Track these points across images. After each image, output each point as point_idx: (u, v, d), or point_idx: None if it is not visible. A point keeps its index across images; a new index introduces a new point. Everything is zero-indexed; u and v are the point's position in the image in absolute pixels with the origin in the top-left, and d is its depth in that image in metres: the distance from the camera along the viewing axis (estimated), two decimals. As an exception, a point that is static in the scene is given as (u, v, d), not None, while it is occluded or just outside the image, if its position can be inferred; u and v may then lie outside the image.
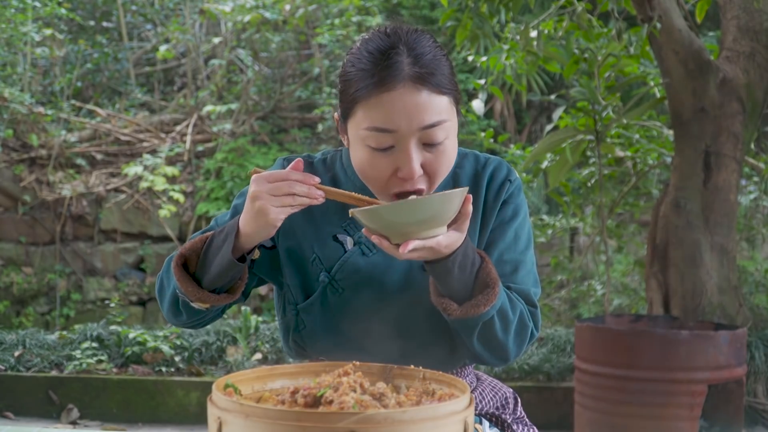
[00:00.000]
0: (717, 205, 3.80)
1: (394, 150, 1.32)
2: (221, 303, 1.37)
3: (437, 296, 1.33)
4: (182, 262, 1.36)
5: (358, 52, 1.34)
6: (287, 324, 1.51)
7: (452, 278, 1.29)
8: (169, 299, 1.42)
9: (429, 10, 7.02)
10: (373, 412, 0.96)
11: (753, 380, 3.88)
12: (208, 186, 6.45)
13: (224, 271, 1.33)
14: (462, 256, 1.29)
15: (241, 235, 1.31)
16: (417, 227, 1.21)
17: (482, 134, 4.82)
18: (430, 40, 1.35)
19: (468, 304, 1.30)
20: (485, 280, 1.32)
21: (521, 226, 1.47)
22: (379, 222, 1.22)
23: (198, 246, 1.36)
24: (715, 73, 3.79)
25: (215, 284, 1.35)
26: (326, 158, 1.52)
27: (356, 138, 1.35)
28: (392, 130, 1.30)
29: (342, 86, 1.36)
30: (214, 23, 7.57)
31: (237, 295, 1.38)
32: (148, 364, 4.52)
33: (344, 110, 1.36)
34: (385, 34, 1.34)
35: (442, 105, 1.32)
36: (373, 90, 1.29)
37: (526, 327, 1.40)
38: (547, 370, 4.30)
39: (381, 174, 1.34)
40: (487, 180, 1.47)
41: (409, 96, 1.29)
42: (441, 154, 1.34)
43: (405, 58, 1.30)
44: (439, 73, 1.31)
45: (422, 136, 1.31)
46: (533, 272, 1.47)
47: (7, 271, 6.24)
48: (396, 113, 1.29)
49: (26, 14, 6.64)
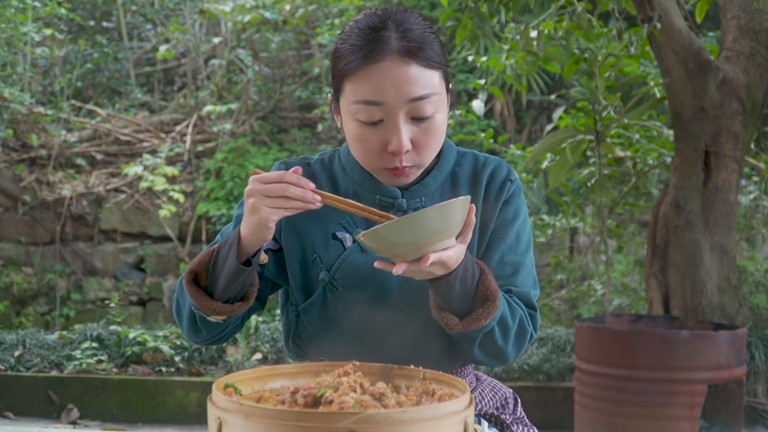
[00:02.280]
0: (717, 205, 3.80)
1: (383, 124, 1.33)
2: (236, 312, 1.37)
3: (438, 311, 1.33)
4: (193, 278, 1.37)
5: (350, 30, 1.36)
6: (288, 326, 1.51)
7: (454, 292, 1.29)
8: (187, 318, 1.42)
9: (429, 10, 7.02)
10: (373, 412, 0.96)
11: (753, 380, 3.88)
12: (208, 186, 6.45)
13: (232, 279, 1.33)
14: (463, 270, 1.29)
15: (242, 240, 1.31)
16: (426, 241, 1.19)
17: (482, 134, 4.82)
18: (419, 18, 1.37)
19: (468, 318, 1.31)
20: (485, 294, 1.32)
21: (522, 227, 1.47)
22: (385, 242, 1.20)
23: (206, 260, 1.36)
24: (715, 73, 3.79)
25: (227, 294, 1.35)
26: (324, 158, 1.52)
27: (347, 113, 1.36)
28: (380, 102, 1.31)
29: (333, 63, 1.38)
30: (214, 23, 7.57)
31: (250, 302, 1.38)
32: (148, 364, 4.52)
33: (335, 87, 1.38)
34: (375, 14, 1.37)
35: (431, 78, 1.33)
36: (362, 62, 1.31)
37: (526, 331, 1.40)
38: (547, 370, 4.30)
39: (371, 148, 1.35)
40: (487, 179, 1.46)
41: (397, 68, 1.30)
42: (430, 129, 1.34)
43: (393, 33, 1.32)
44: (427, 48, 1.33)
45: (411, 109, 1.32)
46: (533, 273, 1.47)
47: (7, 271, 6.24)
48: (384, 85, 1.30)
49: (26, 14, 6.64)
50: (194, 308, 1.37)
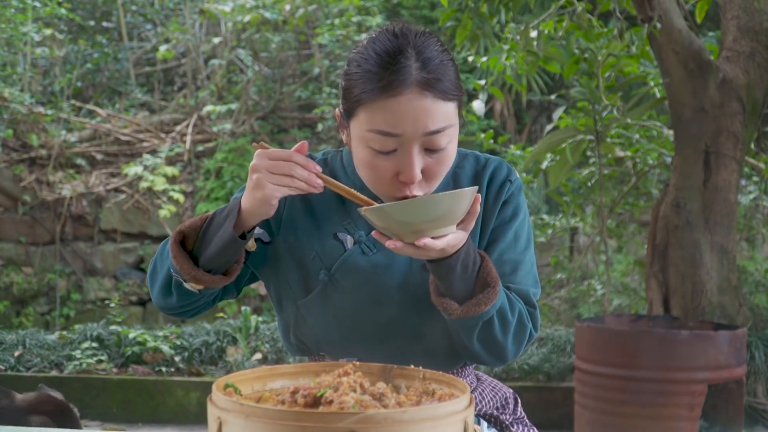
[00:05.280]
0: (717, 205, 3.80)
1: (396, 153, 1.31)
2: (215, 285, 1.35)
3: (437, 296, 1.33)
4: (180, 239, 1.35)
5: (365, 51, 1.32)
6: (287, 320, 1.50)
7: (454, 277, 1.29)
8: (162, 281, 1.40)
9: (429, 10, 7.02)
10: (373, 412, 0.96)
11: (753, 380, 3.89)
12: (208, 186, 6.45)
13: (224, 248, 1.31)
14: (464, 255, 1.29)
15: (242, 212, 1.30)
16: (428, 225, 1.21)
17: (482, 135, 4.82)
18: (438, 43, 1.34)
19: (469, 303, 1.30)
20: (485, 279, 1.32)
21: (521, 226, 1.46)
22: (390, 221, 1.22)
23: (197, 224, 1.35)
24: (715, 73, 3.79)
25: (212, 263, 1.34)
26: (327, 158, 1.52)
27: (359, 138, 1.34)
28: (397, 134, 1.29)
29: (346, 84, 1.34)
30: (214, 23, 7.57)
31: (232, 278, 1.36)
32: (148, 364, 4.52)
33: (348, 109, 1.35)
34: (393, 35, 1.32)
35: (446, 111, 1.31)
36: (380, 94, 1.28)
37: (525, 328, 1.40)
38: (547, 370, 4.30)
39: (381, 176, 1.33)
40: (488, 180, 1.46)
41: (416, 101, 1.28)
42: (442, 159, 1.33)
43: (413, 63, 1.29)
44: (445, 79, 1.31)
45: (425, 141, 1.30)
46: (533, 272, 1.47)
47: (7, 271, 6.24)
48: (401, 118, 1.28)
49: (26, 14, 6.64)
50: (173, 271, 1.35)
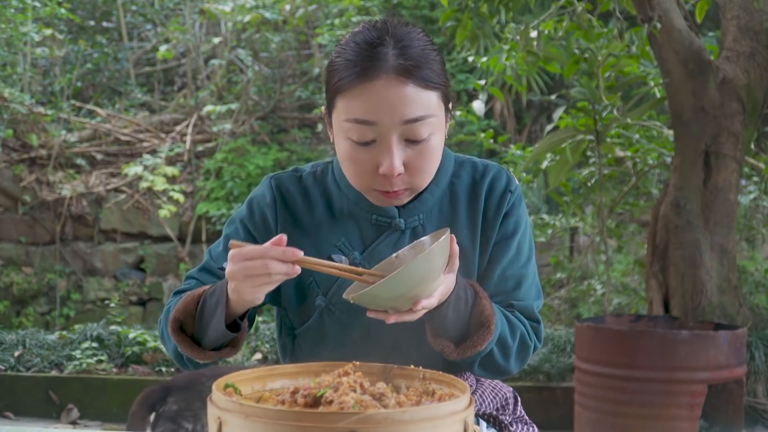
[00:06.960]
0: (717, 205, 3.80)
1: (375, 144, 1.28)
2: (225, 357, 1.34)
3: (434, 337, 1.32)
4: (178, 326, 1.33)
5: (346, 43, 1.31)
6: (284, 345, 1.50)
7: (448, 321, 1.28)
8: (173, 352, 1.39)
9: (429, 10, 7.02)
10: (373, 412, 0.96)
11: (753, 380, 3.88)
12: (208, 186, 6.45)
13: (221, 337, 1.31)
14: (455, 298, 1.26)
15: (230, 303, 1.27)
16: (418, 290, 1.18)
17: (482, 135, 4.82)
18: (420, 33, 1.32)
19: (464, 346, 1.30)
20: (479, 319, 1.29)
21: (523, 239, 1.44)
22: (379, 300, 1.19)
23: (191, 308, 1.32)
24: (715, 73, 3.79)
25: (215, 345, 1.33)
26: (317, 171, 1.47)
27: (339, 130, 1.31)
28: (373, 122, 1.26)
29: (327, 76, 1.33)
30: (214, 23, 7.56)
31: (239, 348, 1.35)
32: (148, 364, 4.52)
33: (328, 101, 1.33)
34: (374, 27, 1.31)
35: (428, 100, 1.28)
36: (355, 79, 1.26)
37: (528, 346, 1.39)
38: (547, 370, 4.30)
39: (362, 169, 1.31)
40: (486, 191, 1.43)
41: (393, 88, 1.25)
42: (425, 152, 1.30)
43: (390, 50, 1.27)
44: (426, 67, 1.27)
45: (405, 131, 1.27)
46: (536, 283, 1.45)
47: (7, 271, 6.24)
48: (377, 105, 1.25)
49: (26, 14, 6.64)
50: (182, 352, 1.35)
